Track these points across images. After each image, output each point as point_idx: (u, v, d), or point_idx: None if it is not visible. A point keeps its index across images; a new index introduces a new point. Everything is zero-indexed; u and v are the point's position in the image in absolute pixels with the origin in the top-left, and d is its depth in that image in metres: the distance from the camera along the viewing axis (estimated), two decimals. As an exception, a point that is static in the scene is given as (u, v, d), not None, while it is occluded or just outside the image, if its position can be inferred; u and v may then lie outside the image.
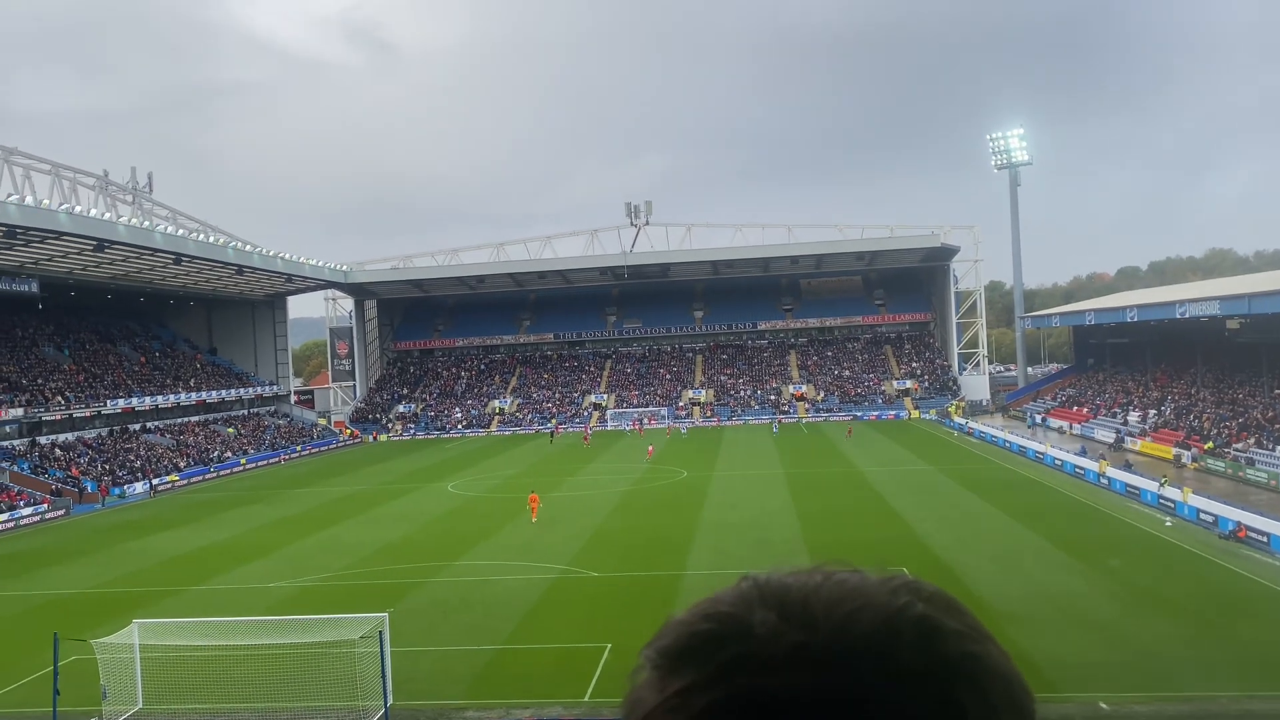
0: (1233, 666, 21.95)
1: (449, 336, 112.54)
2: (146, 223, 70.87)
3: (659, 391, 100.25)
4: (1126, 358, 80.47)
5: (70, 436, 68.85)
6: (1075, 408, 78.32)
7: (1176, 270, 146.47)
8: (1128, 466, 51.30)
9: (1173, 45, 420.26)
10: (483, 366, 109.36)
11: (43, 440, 66.33)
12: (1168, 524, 38.12)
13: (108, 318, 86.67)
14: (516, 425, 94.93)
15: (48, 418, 67.63)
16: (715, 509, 44.81)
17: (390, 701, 20.76)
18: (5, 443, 63.60)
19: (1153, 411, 67.06)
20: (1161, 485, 43.01)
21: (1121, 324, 73.19)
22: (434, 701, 22.15)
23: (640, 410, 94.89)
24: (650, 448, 68.48)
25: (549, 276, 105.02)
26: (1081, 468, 51.97)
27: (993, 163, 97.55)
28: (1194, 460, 54.36)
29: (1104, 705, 20.26)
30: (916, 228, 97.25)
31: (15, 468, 60.86)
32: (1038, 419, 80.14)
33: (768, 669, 0.85)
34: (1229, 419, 57.50)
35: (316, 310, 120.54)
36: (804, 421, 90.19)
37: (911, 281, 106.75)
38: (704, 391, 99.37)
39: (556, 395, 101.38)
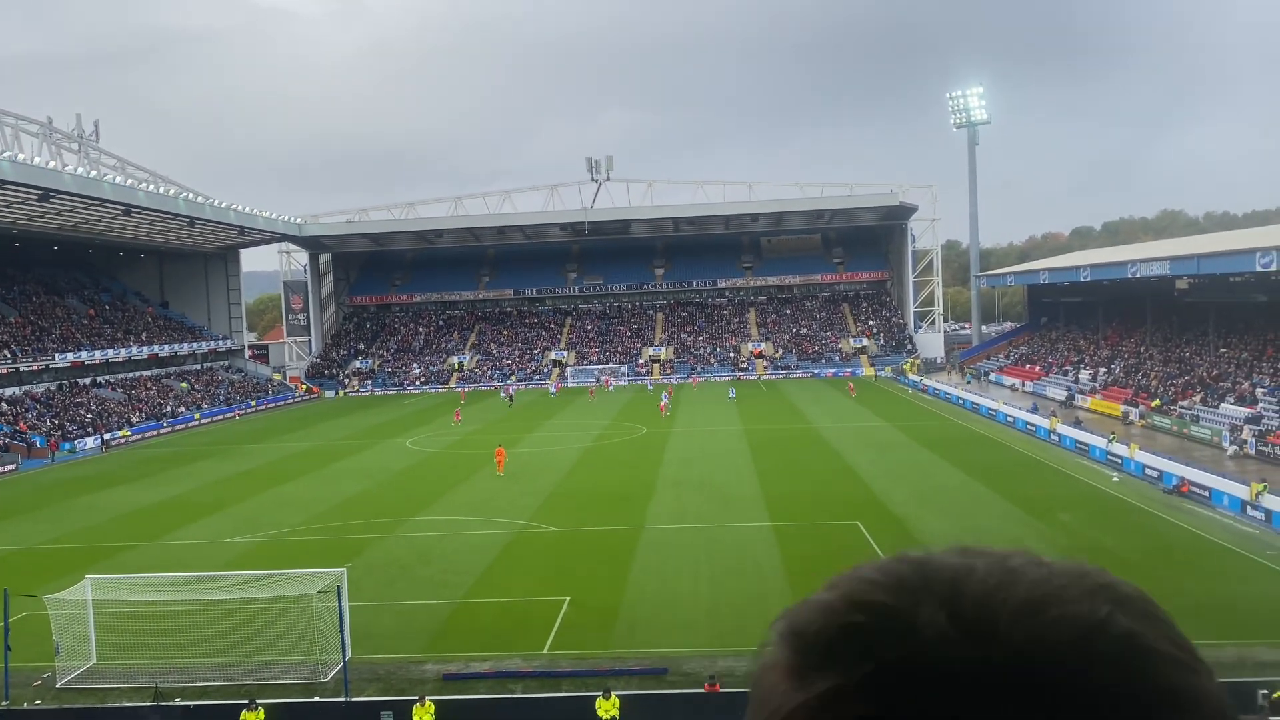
0: (1176, 616, 22.22)
1: (406, 292, 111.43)
2: (94, 172, 69.04)
3: (619, 349, 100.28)
4: (1079, 317, 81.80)
5: (17, 390, 67.45)
6: (1028, 365, 79.62)
7: (1129, 231, 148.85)
8: (1077, 423, 52.36)
9: (1130, 6, 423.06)
10: (441, 322, 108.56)
11: (-11, 395, 64.94)
12: (1115, 479, 39.04)
13: (55, 269, 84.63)
14: (476, 382, 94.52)
15: (-7, 372, 66.16)
16: (674, 465, 45.12)
17: (349, 655, 20.80)
18: (-51, 397, 62.18)
19: (1103, 369, 68.38)
20: (1110, 442, 44.00)
21: (1075, 283, 74.25)
22: (393, 655, 22.23)
23: (600, 367, 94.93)
24: (663, 402, 67.24)
25: (508, 232, 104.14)
26: (1033, 424, 52.96)
27: (952, 121, 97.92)
28: (1141, 417, 55.62)
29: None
30: (875, 186, 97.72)
31: (-40, 422, 59.58)
32: (982, 375, 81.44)
33: (938, 687, 0.70)
34: (1176, 377, 58.81)
35: (271, 264, 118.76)
36: (763, 379, 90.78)
37: (869, 240, 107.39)
38: (664, 349, 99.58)
39: (516, 352, 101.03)
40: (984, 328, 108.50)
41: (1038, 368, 77.44)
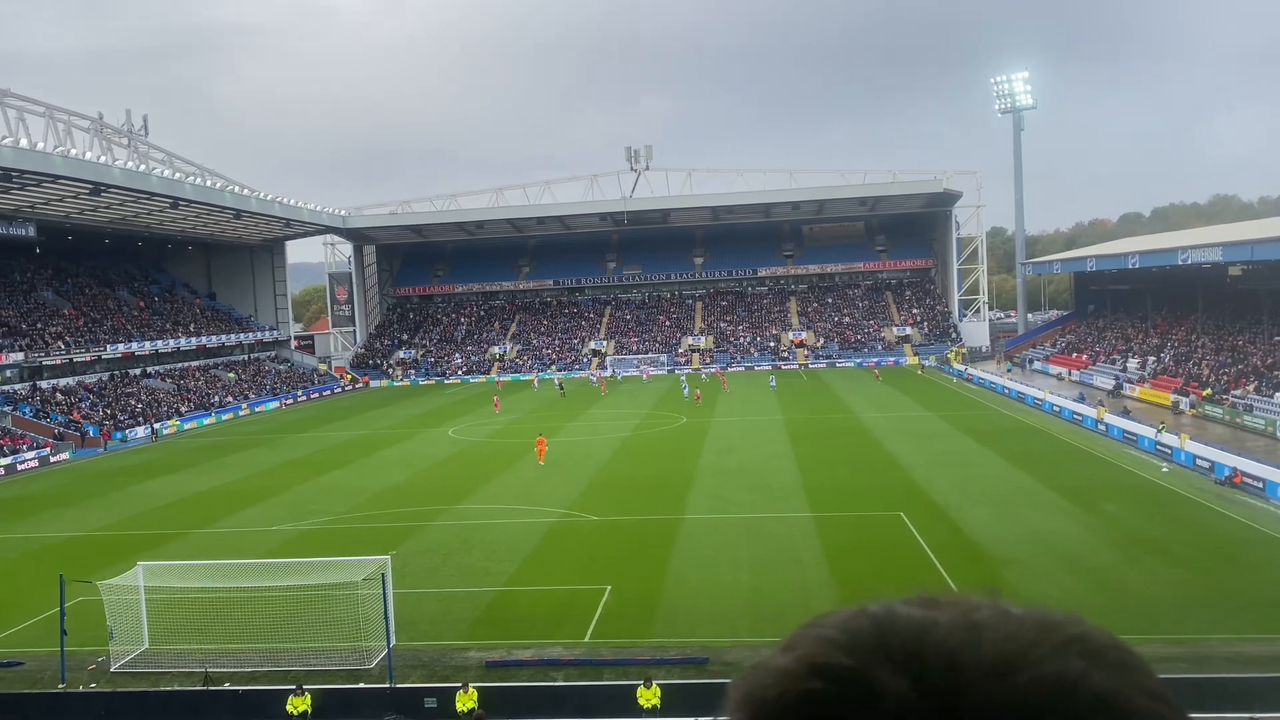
0: (1226, 611, 22.22)
1: (448, 282, 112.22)
2: (143, 166, 70.27)
3: (659, 338, 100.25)
4: (1127, 304, 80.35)
5: (71, 381, 68.99)
6: (1074, 354, 78.40)
7: (1180, 216, 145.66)
8: (1126, 413, 51.48)
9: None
10: (482, 312, 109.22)
11: (44, 385, 66.48)
12: (1164, 470, 38.36)
13: (106, 262, 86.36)
14: (516, 371, 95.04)
15: (48, 362, 67.70)
16: (714, 455, 45.06)
17: (393, 642, 21.04)
18: (6, 387, 63.75)
19: (1152, 358, 67.13)
20: (1159, 431, 43.20)
21: (1123, 270, 72.89)
22: (437, 642, 22.47)
23: (640, 357, 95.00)
24: (698, 392, 67.72)
25: (548, 222, 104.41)
26: (1079, 414, 52.16)
27: (996, 107, 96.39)
28: (1192, 407, 54.55)
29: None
30: (919, 173, 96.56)
31: (17, 412, 61.09)
32: (1024, 364, 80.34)
33: None
34: (1228, 366, 57.58)
35: (315, 255, 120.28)
36: (804, 368, 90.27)
37: (913, 227, 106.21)
38: (703, 338, 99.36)
39: (556, 342, 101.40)
40: (1030, 316, 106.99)
41: (1085, 356, 76.22)
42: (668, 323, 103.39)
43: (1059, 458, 41.66)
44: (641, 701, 18.26)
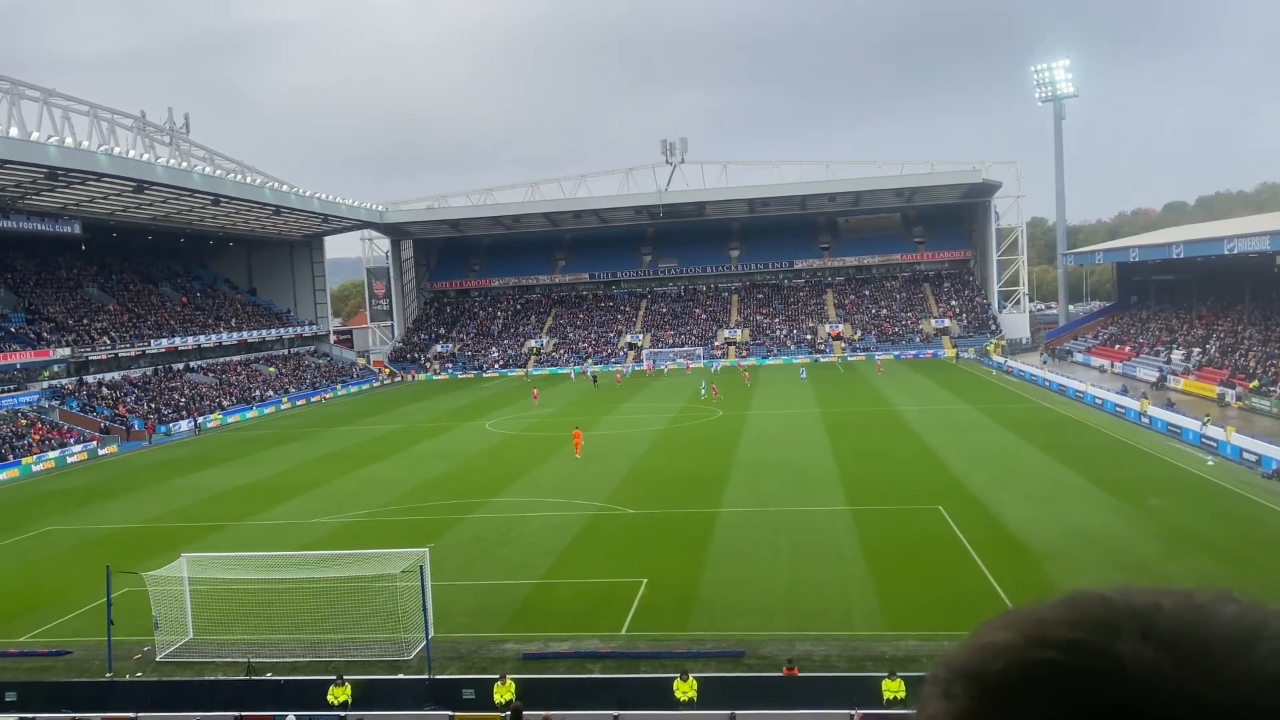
0: (1275, 605, 21.78)
1: (485, 276, 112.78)
2: (184, 163, 71.32)
3: (694, 331, 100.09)
4: (1171, 295, 78.98)
5: (116, 375, 70.22)
6: (1117, 346, 77.22)
7: (1226, 205, 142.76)
8: (1170, 405, 50.62)
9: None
10: (519, 306, 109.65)
11: (90, 379, 67.73)
12: (1209, 463, 37.68)
13: (149, 258, 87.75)
14: (553, 364, 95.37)
15: (94, 357, 68.96)
16: (751, 448, 44.93)
17: (432, 634, 21.21)
18: (54, 382, 65.02)
19: (1197, 350, 65.95)
20: (1204, 424, 42.43)
21: (1167, 260, 71.66)
22: (475, 634, 22.62)
23: (675, 350, 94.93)
24: (714, 387, 66.98)
25: (584, 216, 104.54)
26: (1122, 407, 51.37)
27: (1037, 95, 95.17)
28: (1238, 399, 53.53)
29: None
30: (957, 163, 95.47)
31: (65, 406, 62.32)
32: (1061, 355, 79.24)
33: None
34: (1276, 357, 56.41)
35: (354, 250, 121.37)
36: (841, 360, 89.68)
37: (952, 218, 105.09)
38: (739, 331, 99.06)
39: (592, 335, 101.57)
40: (1071, 307, 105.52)
41: (1127, 348, 75.04)
42: (704, 316, 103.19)
43: (1101, 451, 41.05)
44: (678, 694, 18.26)
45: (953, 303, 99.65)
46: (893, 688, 17.69)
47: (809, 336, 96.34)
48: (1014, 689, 0.67)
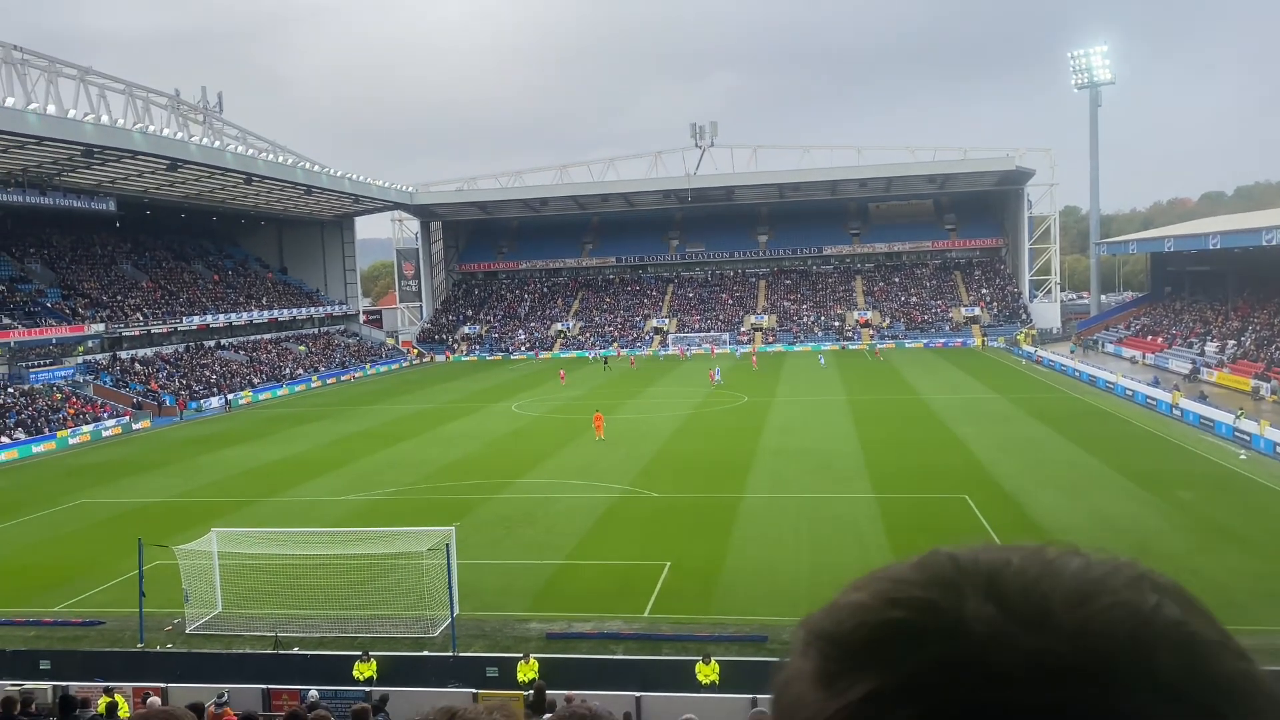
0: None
1: (512, 259, 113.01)
2: (217, 142, 71.87)
3: (721, 316, 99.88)
4: (1206, 286, 77.85)
5: (149, 352, 71.11)
6: (1149, 337, 76.29)
7: (1266, 196, 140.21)
8: (1202, 398, 50.00)
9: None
10: (545, 289, 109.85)
11: (123, 355, 68.60)
12: (1242, 457, 37.23)
13: (182, 236, 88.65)
14: (578, 348, 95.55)
15: (127, 333, 69.84)
16: (776, 434, 44.86)
17: (457, 612, 21.40)
18: (88, 357, 65.94)
19: (1231, 342, 65.04)
20: (1238, 418, 41.89)
21: (1203, 251, 70.63)
22: (499, 613, 22.81)
23: (701, 335, 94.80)
24: (712, 372, 67.40)
25: (612, 199, 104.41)
26: (1154, 398, 50.81)
27: (1073, 82, 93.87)
28: (1273, 393, 52.77)
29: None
30: (990, 150, 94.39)
31: (98, 381, 63.21)
32: (1089, 346, 78.39)
33: (997, 681, 0.65)
34: (1313, 351, 55.53)
35: (384, 231, 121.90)
36: (867, 347, 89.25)
37: (984, 206, 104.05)
38: (766, 317, 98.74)
39: (618, 319, 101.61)
40: (1103, 297, 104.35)
41: (1160, 339, 74.12)
42: (730, 301, 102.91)
43: (1131, 442, 40.65)
44: (700, 677, 18.33)
45: (983, 291, 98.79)
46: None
47: (837, 323, 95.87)
48: (863, 648, 0.70)
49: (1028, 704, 0.64)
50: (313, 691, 17.88)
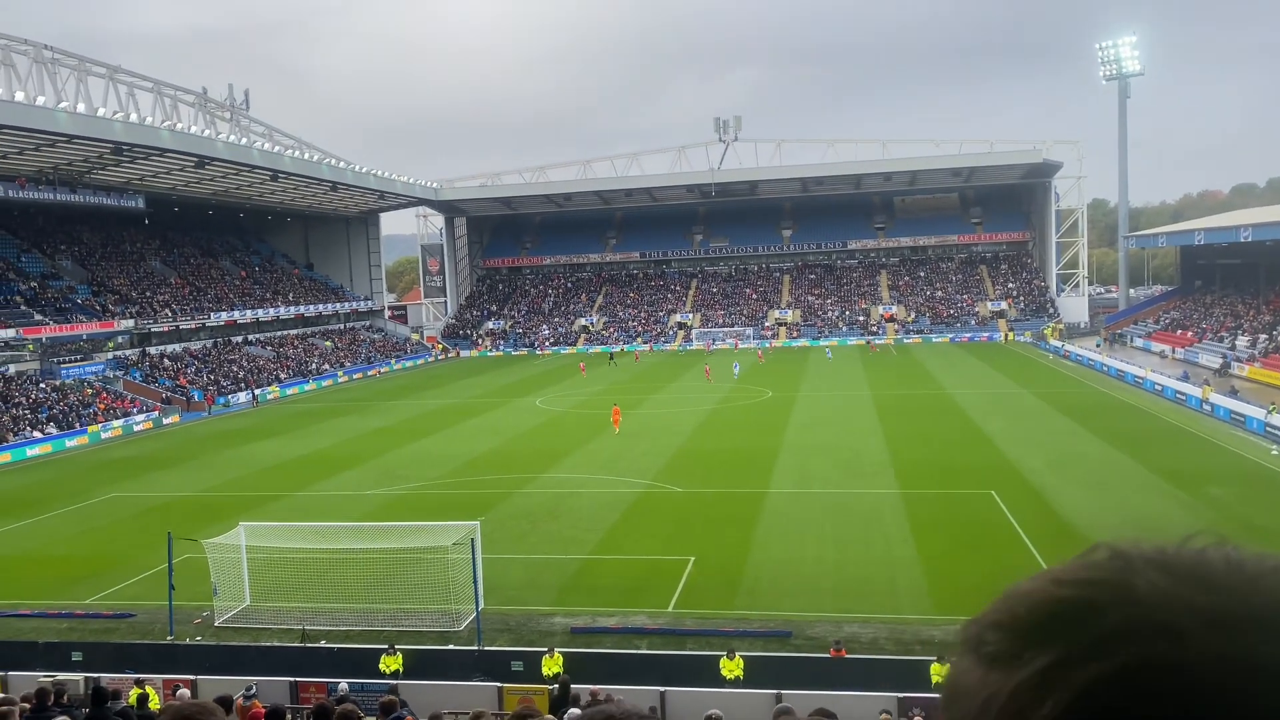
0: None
1: (537, 254, 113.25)
2: (244, 139, 72.43)
3: (745, 311, 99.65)
4: (1237, 279, 76.85)
5: (177, 347, 71.86)
6: (1179, 331, 75.41)
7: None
8: (1233, 393, 49.37)
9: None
10: (569, 284, 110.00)
11: (152, 350, 69.38)
12: (1275, 453, 36.74)
13: (210, 233, 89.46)
14: (601, 343, 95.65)
15: (156, 329, 70.62)
16: (800, 429, 44.73)
17: (482, 606, 21.50)
18: (118, 352, 66.72)
19: (1263, 336, 64.14)
20: (1270, 413, 41.33)
21: (1234, 244, 69.73)
22: (524, 607, 22.89)
23: (725, 330, 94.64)
24: (706, 367, 68.74)
25: (636, 194, 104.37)
26: (1183, 393, 50.22)
27: (1101, 73, 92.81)
28: (1306, 388, 51.98)
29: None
30: (1017, 143, 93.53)
31: (128, 376, 63.94)
32: (1116, 340, 77.58)
33: (1169, 634, 0.69)
34: (1347, 345, 54.68)
35: (409, 227, 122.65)
36: (893, 344, 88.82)
37: (1010, 199, 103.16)
38: (790, 312, 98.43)
39: (642, 314, 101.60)
40: (1132, 291, 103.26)
41: (1190, 333, 73.24)
42: (754, 296, 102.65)
43: (1160, 438, 40.22)
44: (724, 672, 18.33)
45: (1009, 285, 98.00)
46: (942, 671, 17.59)
47: (862, 318, 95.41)
48: (1039, 626, 0.73)
49: (1205, 653, 0.68)
50: (342, 684, 18.03)
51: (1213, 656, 0.68)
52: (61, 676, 18.09)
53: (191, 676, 18.81)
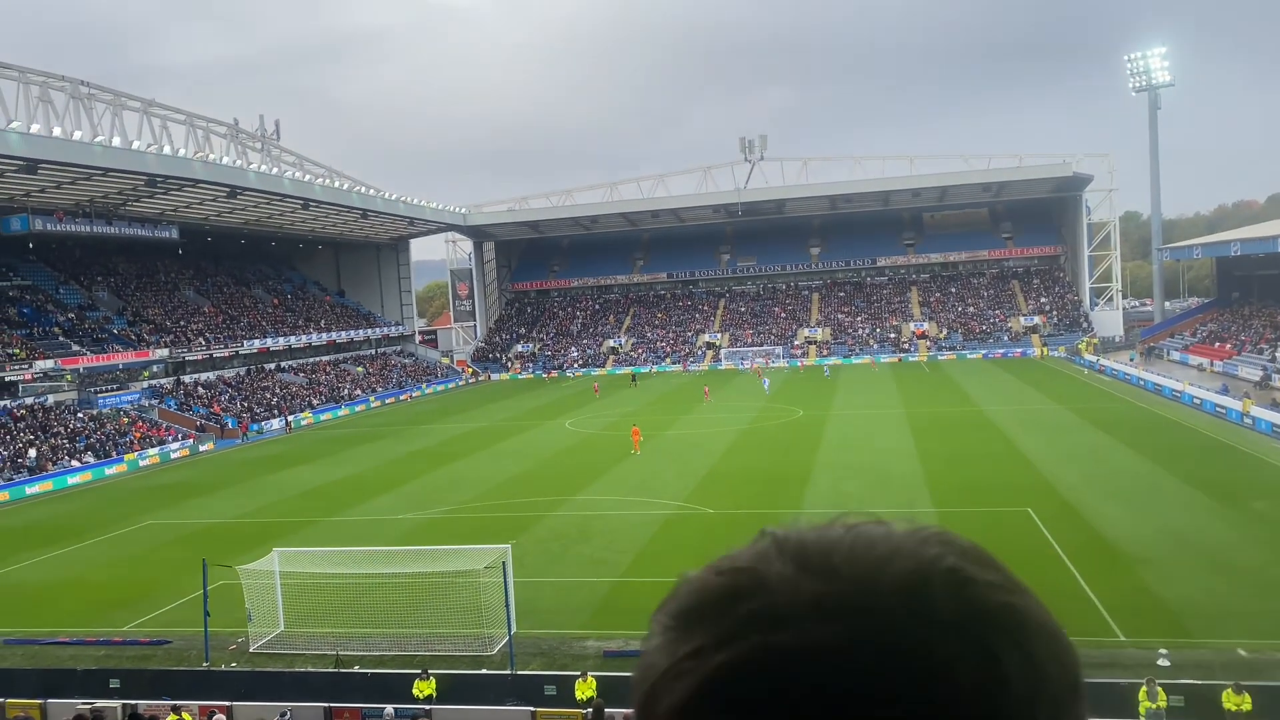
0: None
1: (564, 277, 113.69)
2: (275, 169, 73.43)
3: (774, 330, 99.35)
4: (1276, 291, 75.65)
5: (211, 375, 72.67)
6: (1217, 344, 74.27)
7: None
8: (1275, 405, 48.50)
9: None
10: (597, 306, 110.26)
11: (186, 379, 70.21)
12: (1319, 466, 35.99)
13: (242, 262, 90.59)
14: (630, 364, 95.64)
15: (190, 357, 71.49)
16: (832, 448, 44.40)
17: (514, 630, 21.43)
18: (154, 381, 67.58)
19: (1304, 347, 63.04)
20: (1312, 425, 40.56)
21: (1271, 254, 68.70)
22: (556, 631, 22.79)
23: (754, 349, 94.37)
24: (706, 388, 68.66)
25: (662, 215, 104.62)
26: (1223, 406, 49.40)
27: (1130, 85, 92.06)
28: (1350, 399, 50.97)
29: (1242, 652, 19.45)
30: (1046, 156, 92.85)
31: (163, 405, 64.72)
32: (1151, 353, 76.47)
33: (785, 622, 0.77)
34: (1391, 355, 53.61)
35: (438, 253, 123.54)
36: (925, 361, 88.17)
37: (1041, 213, 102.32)
38: (820, 330, 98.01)
39: (670, 335, 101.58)
40: (1167, 304, 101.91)
41: (1228, 346, 72.11)
42: (783, 314, 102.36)
43: (1200, 452, 39.53)
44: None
45: (1042, 300, 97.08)
46: None
47: (893, 335, 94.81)
48: (693, 613, 0.81)
49: (813, 641, 0.75)
50: (388, 709, 18.01)
51: (826, 640, 0.75)
52: (99, 703, 18.22)
53: (227, 703, 18.88)
